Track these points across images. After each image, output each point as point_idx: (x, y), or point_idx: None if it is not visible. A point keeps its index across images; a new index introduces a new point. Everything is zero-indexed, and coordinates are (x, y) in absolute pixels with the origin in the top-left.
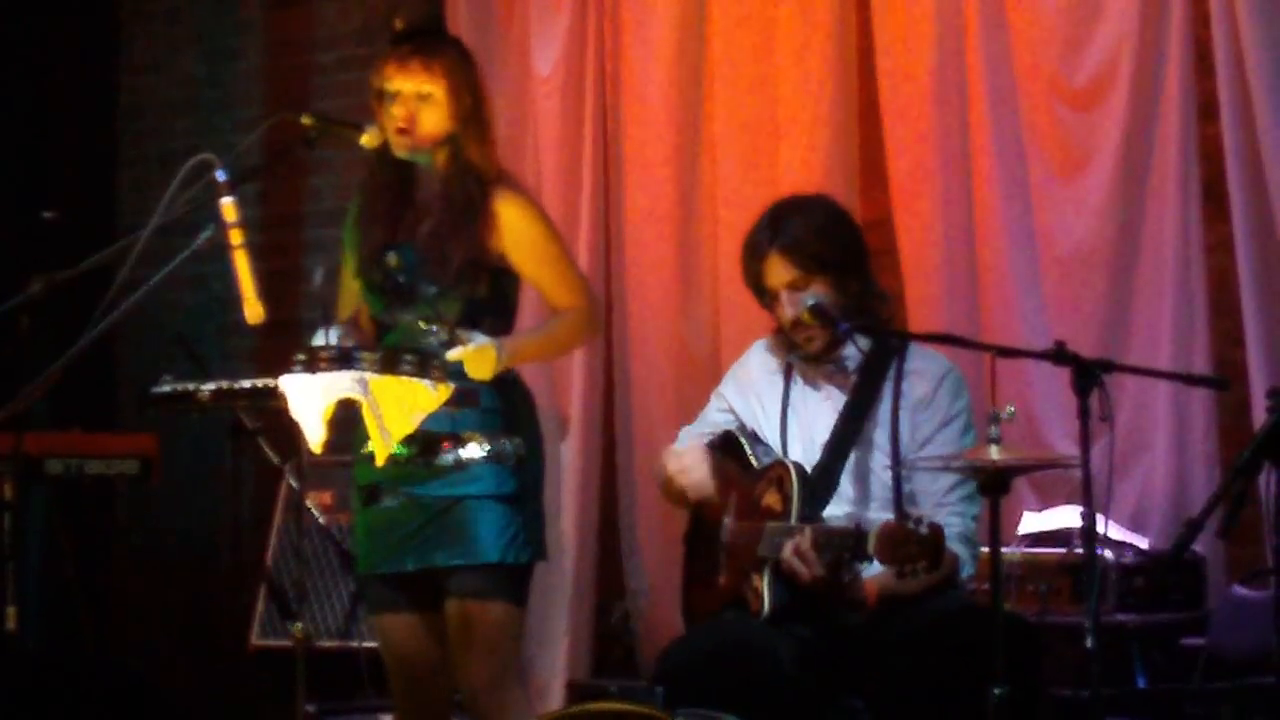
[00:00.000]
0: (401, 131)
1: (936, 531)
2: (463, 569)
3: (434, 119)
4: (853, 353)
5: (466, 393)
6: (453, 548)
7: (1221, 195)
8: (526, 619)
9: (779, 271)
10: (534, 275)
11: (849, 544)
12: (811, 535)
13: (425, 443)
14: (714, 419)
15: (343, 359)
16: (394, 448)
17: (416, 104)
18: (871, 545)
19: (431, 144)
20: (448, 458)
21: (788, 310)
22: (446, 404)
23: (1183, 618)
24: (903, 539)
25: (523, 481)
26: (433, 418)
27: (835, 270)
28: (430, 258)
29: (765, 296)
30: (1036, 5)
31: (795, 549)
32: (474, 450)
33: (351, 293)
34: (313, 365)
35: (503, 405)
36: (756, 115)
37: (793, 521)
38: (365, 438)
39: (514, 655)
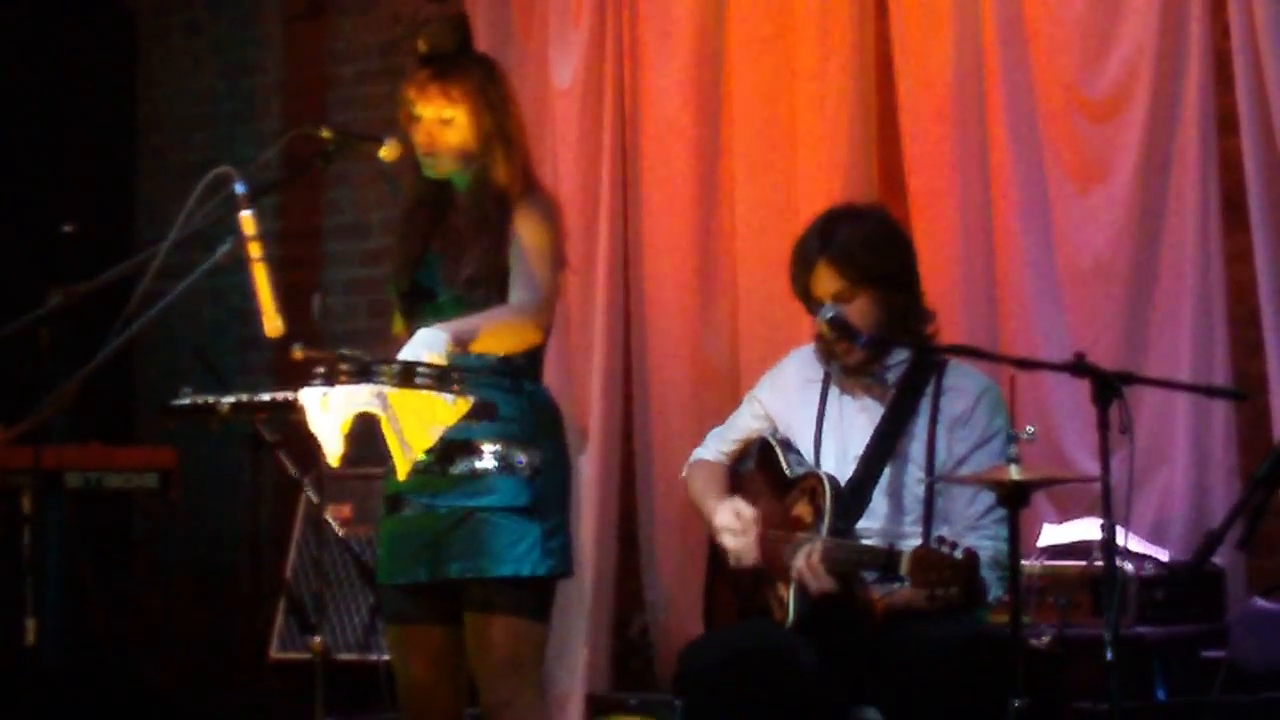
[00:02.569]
0: (427, 155)
1: (971, 558)
2: (478, 582)
3: (456, 142)
4: (893, 366)
5: (486, 405)
6: (466, 560)
7: (1241, 206)
8: (549, 633)
9: (826, 281)
10: (512, 265)
11: (880, 562)
12: (821, 548)
13: (441, 450)
14: (746, 424)
15: (361, 372)
16: (417, 458)
17: (439, 128)
18: (905, 567)
19: (457, 164)
20: (462, 466)
21: None
22: (466, 416)
23: (1203, 630)
24: (937, 563)
25: (539, 493)
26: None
27: (882, 284)
28: (447, 267)
29: (811, 304)
30: (1055, 17)
31: (805, 560)
32: (487, 460)
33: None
34: (332, 378)
35: (521, 416)
36: (775, 127)
37: (823, 534)
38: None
39: (534, 670)
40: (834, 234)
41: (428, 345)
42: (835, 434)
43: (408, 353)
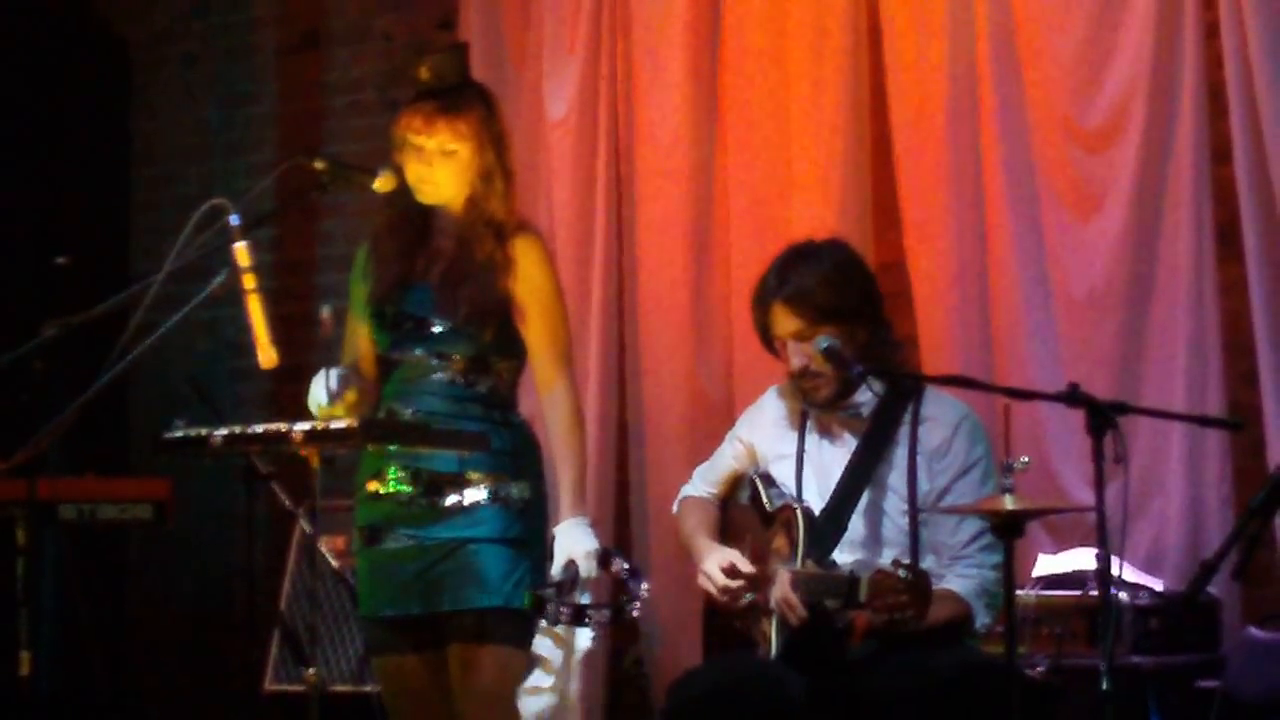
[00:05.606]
0: (425, 184)
1: (923, 578)
2: (466, 613)
3: (456, 174)
4: (867, 399)
5: (478, 437)
6: (458, 591)
7: (1235, 236)
8: (529, 662)
9: (784, 321)
10: (531, 322)
11: (842, 591)
12: (789, 579)
13: (429, 484)
14: (727, 463)
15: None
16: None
17: (441, 159)
18: (864, 593)
19: (453, 193)
20: (451, 500)
21: (794, 360)
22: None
23: (1198, 660)
24: (891, 587)
25: (527, 525)
26: (439, 459)
27: (841, 320)
28: (442, 298)
29: (773, 345)
30: (1049, 47)
31: (782, 593)
32: (478, 493)
33: (355, 336)
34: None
35: (510, 449)
36: (770, 158)
37: (796, 565)
38: (366, 477)
39: (515, 699)
40: (789, 274)
41: (584, 544)
42: (815, 469)
43: (580, 558)
